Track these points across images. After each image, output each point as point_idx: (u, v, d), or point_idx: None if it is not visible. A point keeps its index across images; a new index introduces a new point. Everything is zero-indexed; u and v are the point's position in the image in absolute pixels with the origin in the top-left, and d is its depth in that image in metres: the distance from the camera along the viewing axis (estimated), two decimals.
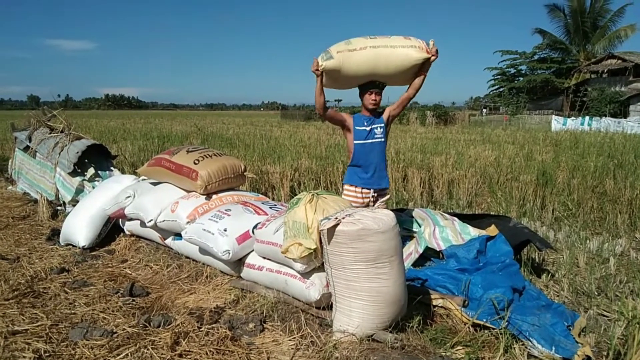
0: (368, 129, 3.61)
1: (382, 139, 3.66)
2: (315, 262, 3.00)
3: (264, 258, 3.39)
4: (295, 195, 6.59)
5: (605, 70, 33.68)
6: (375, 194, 3.68)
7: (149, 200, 4.25)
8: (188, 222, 3.85)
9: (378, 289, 2.73)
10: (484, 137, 17.39)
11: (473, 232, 4.03)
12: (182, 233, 3.83)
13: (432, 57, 3.41)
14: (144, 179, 4.84)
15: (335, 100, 55.55)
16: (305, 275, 3.08)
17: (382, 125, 3.64)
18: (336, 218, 2.72)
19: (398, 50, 3.33)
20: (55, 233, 5.02)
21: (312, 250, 2.88)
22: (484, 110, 42.61)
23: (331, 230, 2.70)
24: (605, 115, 28.01)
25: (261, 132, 19.34)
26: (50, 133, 6.77)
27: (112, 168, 6.40)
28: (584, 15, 35.73)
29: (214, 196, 4.14)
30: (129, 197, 4.44)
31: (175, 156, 4.32)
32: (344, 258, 2.72)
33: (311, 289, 3.02)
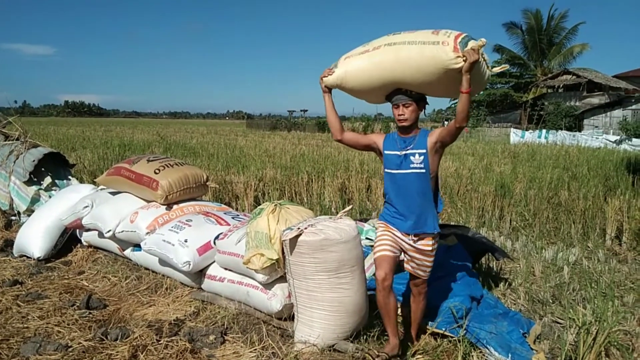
0: (401, 154, 2.70)
1: (423, 170, 2.66)
2: (277, 272, 2.99)
3: (226, 269, 3.37)
4: (259, 205, 6.62)
5: (561, 86, 35.06)
6: (416, 238, 2.76)
7: (108, 210, 4.15)
8: (147, 233, 3.78)
9: (340, 299, 2.75)
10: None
11: None
12: (142, 244, 3.75)
13: (466, 60, 2.44)
14: (103, 189, 4.73)
15: (301, 111, 55.54)
16: (267, 286, 3.07)
17: (424, 151, 2.66)
18: (298, 228, 2.74)
19: (418, 48, 2.53)
20: (9, 244, 4.84)
21: (274, 261, 2.88)
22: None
23: (293, 241, 2.71)
24: (561, 129, 29.09)
25: (226, 141, 19.19)
26: (5, 140, 6.54)
27: (70, 177, 6.22)
28: (541, 32, 37.21)
29: (175, 206, 4.08)
30: (86, 207, 4.33)
31: (136, 165, 4.24)
32: (305, 268, 2.73)
33: (273, 300, 3.01)
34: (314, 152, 13.50)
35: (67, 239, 4.74)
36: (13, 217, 5.92)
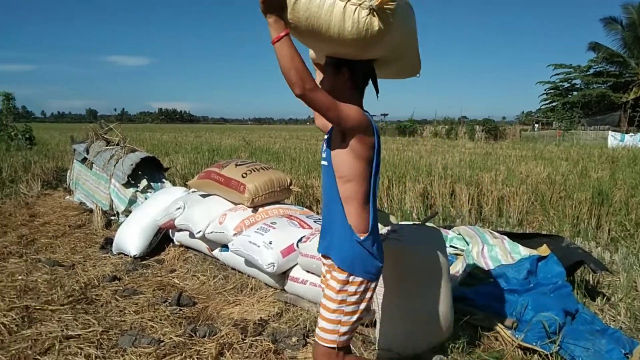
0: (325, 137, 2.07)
1: (325, 163, 1.98)
2: None
3: (308, 272, 3.41)
4: None
5: None
6: (326, 261, 2.06)
7: (198, 212, 4.37)
8: (235, 234, 3.92)
9: (423, 308, 2.69)
10: (536, 153, 16.84)
11: (523, 251, 3.90)
12: (229, 245, 3.90)
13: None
14: (194, 191, 4.97)
15: (382, 115, 55.09)
16: None
17: (327, 136, 2.03)
18: (381, 234, 2.70)
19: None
20: (109, 242, 5.22)
21: None
22: (536, 125, 41.33)
23: None
24: None
25: (307, 146, 19.54)
26: (106, 146, 7.10)
27: (164, 180, 6.63)
28: None
29: (260, 209, 4.20)
30: (179, 208, 4.58)
31: (224, 169, 4.43)
32: (387, 275, 2.69)
33: None
34: (394, 156, 13.35)
35: (161, 238, 5.04)
36: (112, 217, 6.40)
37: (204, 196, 4.69)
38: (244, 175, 4.24)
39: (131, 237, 4.80)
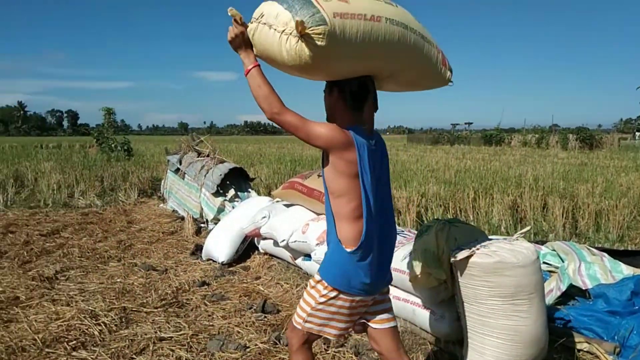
0: None
1: (323, 180, 2.08)
2: (445, 293, 2.88)
3: (391, 285, 3.34)
4: (422, 221, 6.48)
5: None
6: None
7: (282, 221, 4.46)
8: (317, 244, 3.95)
9: (515, 327, 2.54)
10: (638, 163, 15.49)
11: (626, 270, 3.59)
12: (312, 254, 3.94)
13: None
14: (278, 201, 5.09)
15: (466, 124, 53.46)
16: (435, 306, 2.97)
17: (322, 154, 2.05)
18: (470, 249, 2.60)
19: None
20: (199, 248, 5.47)
21: (442, 281, 2.78)
22: (637, 134, 38.08)
23: (464, 262, 2.58)
24: None
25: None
26: (197, 157, 7.48)
27: (250, 190, 6.86)
28: None
29: None
30: (264, 217, 4.70)
31: (307, 180, 4.50)
32: (477, 292, 2.57)
33: (440, 322, 2.90)
34: (480, 166, 12.87)
35: (247, 246, 5.20)
36: (202, 225, 6.71)
37: (287, 206, 4.78)
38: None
39: (219, 245, 4.99)
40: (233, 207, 6.31)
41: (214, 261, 5.08)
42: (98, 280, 4.49)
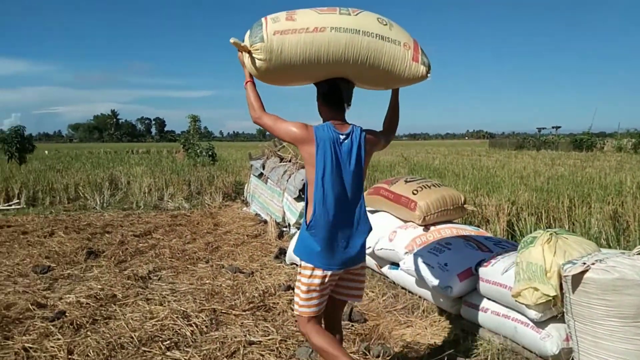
0: None
1: None
2: (553, 310, 2.64)
3: (489, 299, 3.14)
4: (513, 230, 6.11)
5: None
6: None
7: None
8: (406, 253, 3.82)
9: (637, 352, 2.27)
10: None
11: None
12: (400, 263, 3.80)
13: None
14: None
15: (553, 127, 50.47)
16: (540, 324, 2.73)
17: None
18: (584, 263, 2.36)
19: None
20: (282, 252, 5.50)
21: (550, 298, 2.55)
22: None
23: (577, 277, 2.35)
24: None
25: (469, 161, 18.70)
26: (280, 162, 7.58)
27: None
28: None
29: (432, 228, 4.04)
30: None
31: (394, 186, 4.37)
32: (593, 311, 2.33)
33: (547, 341, 2.66)
34: (573, 173, 12.03)
35: None
36: (284, 229, 6.76)
37: (372, 212, 4.68)
38: (415, 192, 4.13)
39: None
40: None
41: (297, 265, 5.07)
42: (188, 281, 4.63)
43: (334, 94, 2.33)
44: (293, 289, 4.36)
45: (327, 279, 2.26)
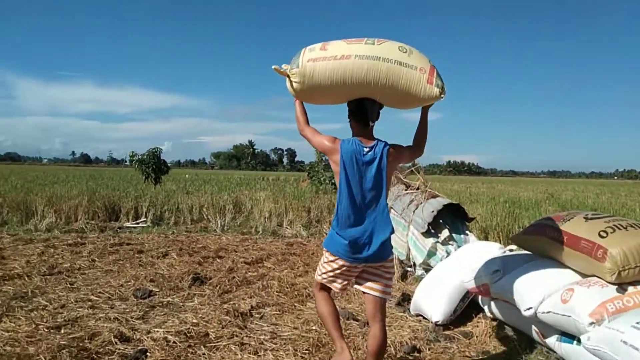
0: None
1: None
2: None
3: None
4: None
5: None
6: None
7: (526, 280, 3.21)
8: (592, 323, 2.62)
9: None
10: None
11: None
12: (582, 338, 2.62)
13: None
14: (514, 250, 3.85)
15: None
16: None
17: None
18: None
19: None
20: (406, 298, 4.54)
21: None
22: None
23: None
24: None
25: (628, 202, 15.83)
26: (405, 189, 6.62)
27: (467, 232, 5.69)
28: None
29: (631, 288, 2.77)
30: (496, 271, 3.52)
31: (568, 224, 3.16)
32: None
33: None
34: None
35: (468, 304, 4.06)
36: (409, 268, 5.77)
37: (532, 258, 3.52)
38: (603, 234, 2.90)
39: (432, 299, 3.97)
40: (447, 252, 5.23)
41: (424, 318, 4.06)
42: (292, 324, 3.88)
43: (359, 112, 2.65)
44: (419, 350, 3.38)
45: (344, 268, 2.60)
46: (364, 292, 2.68)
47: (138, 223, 9.50)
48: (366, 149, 2.55)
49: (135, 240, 7.66)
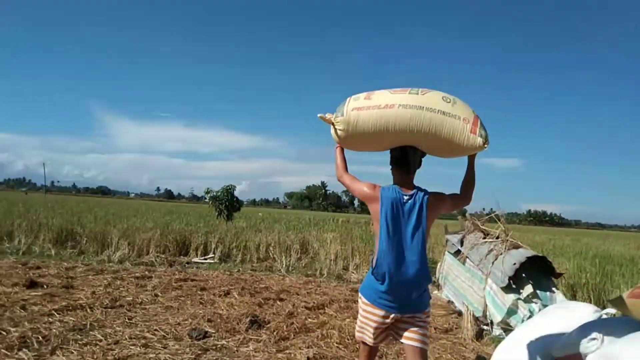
0: None
1: None
2: None
3: None
4: None
5: None
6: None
7: (635, 351, 2.66)
8: None
9: None
10: None
11: None
12: None
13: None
14: (615, 314, 3.28)
15: None
16: None
17: None
18: None
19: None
20: (479, 359, 4.01)
21: None
22: None
23: None
24: None
25: None
26: (484, 238, 6.09)
27: (554, 289, 5.05)
28: None
29: None
30: (593, 339, 2.96)
31: None
32: None
33: None
34: None
35: None
36: (485, 327, 5.21)
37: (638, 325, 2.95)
38: None
39: None
40: (530, 311, 4.65)
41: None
42: None
43: (401, 159, 2.68)
44: None
45: (377, 317, 2.58)
46: (402, 342, 2.60)
47: (206, 259, 9.53)
48: (406, 197, 2.58)
49: (200, 277, 7.61)
